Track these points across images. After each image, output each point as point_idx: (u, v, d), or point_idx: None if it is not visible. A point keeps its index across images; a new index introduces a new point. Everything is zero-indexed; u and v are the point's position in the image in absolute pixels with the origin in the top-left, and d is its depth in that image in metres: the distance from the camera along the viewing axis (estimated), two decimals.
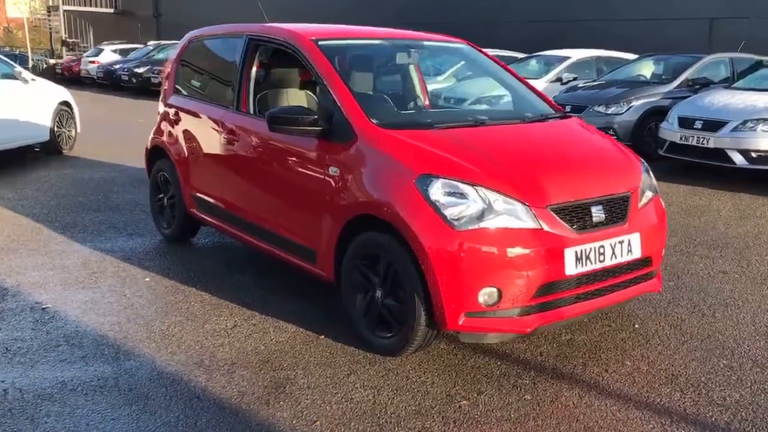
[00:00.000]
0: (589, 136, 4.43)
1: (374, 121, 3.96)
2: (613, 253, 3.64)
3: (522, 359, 3.80)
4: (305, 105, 4.77)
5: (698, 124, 9.03)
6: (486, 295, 3.40)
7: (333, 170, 3.97)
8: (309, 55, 4.37)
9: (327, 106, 4.11)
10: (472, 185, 3.49)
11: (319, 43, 4.47)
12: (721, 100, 9.43)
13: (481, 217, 3.43)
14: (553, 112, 4.69)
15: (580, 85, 11.82)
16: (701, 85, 10.95)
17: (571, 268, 3.48)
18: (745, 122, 8.67)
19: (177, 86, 5.87)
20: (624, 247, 3.69)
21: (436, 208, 3.45)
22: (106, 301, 4.58)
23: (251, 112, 4.84)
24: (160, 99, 6.08)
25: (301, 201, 4.24)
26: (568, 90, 11.79)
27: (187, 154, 5.49)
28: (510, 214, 3.45)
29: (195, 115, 5.44)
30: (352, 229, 3.85)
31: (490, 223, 3.42)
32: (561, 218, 3.54)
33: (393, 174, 3.67)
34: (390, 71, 5.03)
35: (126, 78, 23.57)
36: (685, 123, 9.20)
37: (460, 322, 3.45)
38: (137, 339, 3.99)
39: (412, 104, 4.64)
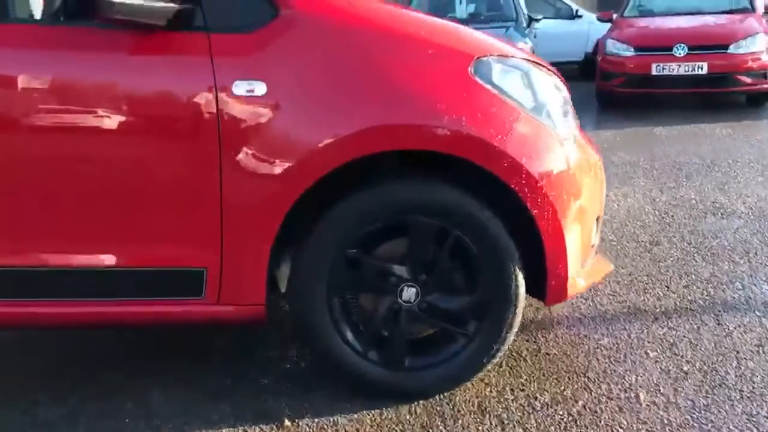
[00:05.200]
0: None
1: None
2: None
3: None
4: None
5: None
6: (596, 230, 2.38)
7: (245, 88, 1.96)
8: None
9: None
10: (541, 66, 2.26)
11: None
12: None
13: (566, 110, 2.30)
14: None
15: None
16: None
17: None
18: None
19: None
20: None
21: (521, 106, 2.14)
22: None
23: None
24: None
25: (154, 176, 2.05)
26: None
27: None
28: None
29: None
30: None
31: (571, 117, 2.35)
32: None
33: (416, 64, 2.03)
34: None
35: None
36: None
37: (581, 283, 2.22)
38: None
39: None
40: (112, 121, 1.99)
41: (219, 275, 2.08)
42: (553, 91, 2.27)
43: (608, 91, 8.31)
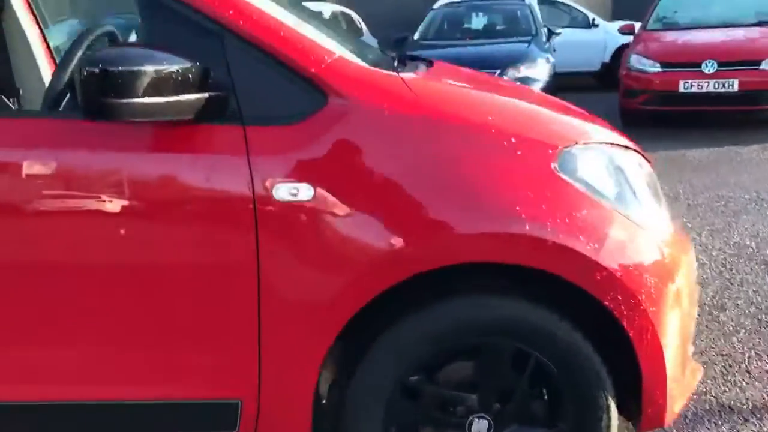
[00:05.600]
0: None
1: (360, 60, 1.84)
2: None
3: None
4: None
5: None
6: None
7: (288, 191, 1.63)
8: None
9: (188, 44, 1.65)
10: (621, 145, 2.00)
11: None
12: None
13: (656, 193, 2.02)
14: None
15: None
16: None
17: None
18: None
19: None
20: None
21: (611, 202, 1.83)
22: None
23: None
24: None
25: (180, 295, 1.72)
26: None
27: None
28: None
29: None
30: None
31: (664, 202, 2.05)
32: None
33: (490, 160, 1.70)
34: None
35: None
36: None
37: (680, 404, 1.90)
38: None
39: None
40: (132, 233, 1.66)
41: (256, 408, 1.75)
42: (641, 175, 1.95)
43: (633, 108, 7.95)
